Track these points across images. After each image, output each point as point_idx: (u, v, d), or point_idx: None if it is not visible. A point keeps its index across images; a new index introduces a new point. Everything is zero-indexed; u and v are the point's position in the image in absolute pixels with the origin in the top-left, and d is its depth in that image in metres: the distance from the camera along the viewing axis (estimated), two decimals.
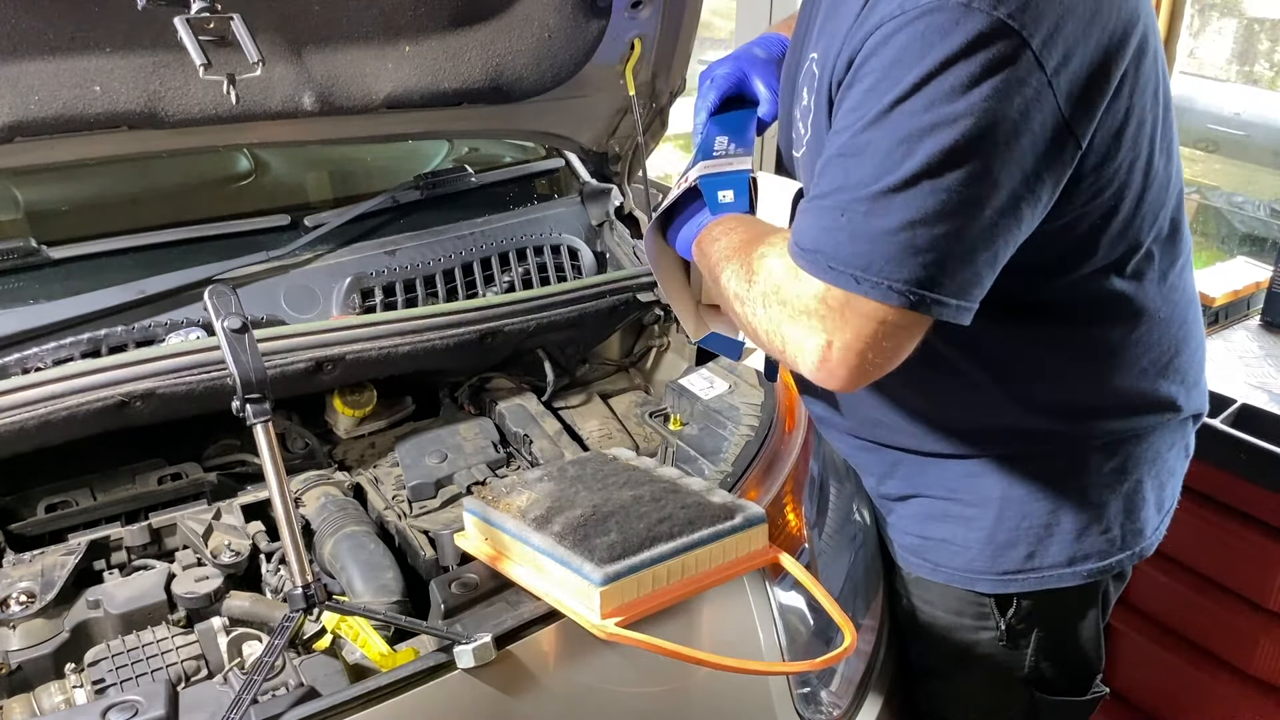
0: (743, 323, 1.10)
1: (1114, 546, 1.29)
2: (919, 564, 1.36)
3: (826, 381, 1.02)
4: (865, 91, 0.97)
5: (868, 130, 0.96)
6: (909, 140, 0.94)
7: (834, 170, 0.99)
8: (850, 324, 0.98)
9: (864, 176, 0.96)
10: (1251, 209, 5.11)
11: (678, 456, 1.47)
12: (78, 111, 1.32)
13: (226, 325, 1.09)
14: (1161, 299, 1.20)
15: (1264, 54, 7.05)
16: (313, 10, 1.44)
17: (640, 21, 1.70)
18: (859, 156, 0.96)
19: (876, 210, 0.95)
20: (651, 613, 1.04)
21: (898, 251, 0.95)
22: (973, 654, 1.36)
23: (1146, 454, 1.28)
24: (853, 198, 0.96)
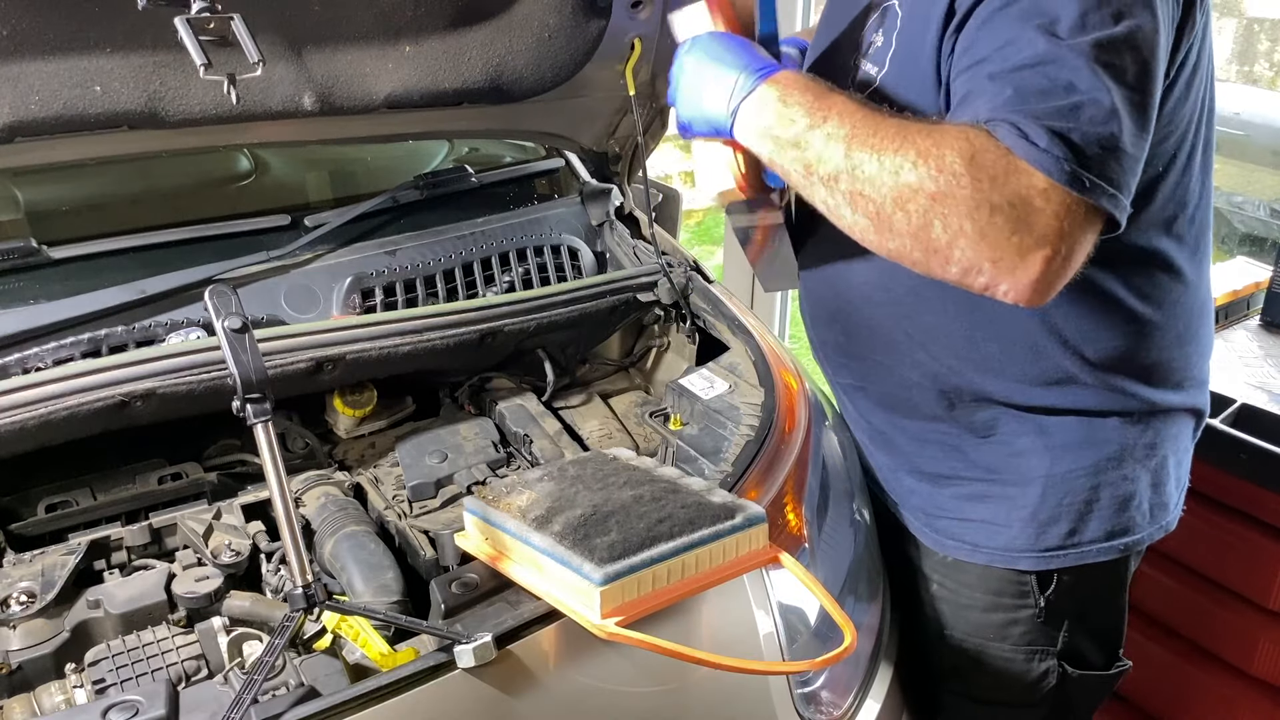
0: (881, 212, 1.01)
1: (1145, 521, 1.34)
2: (956, 546, 1.38)
3: (1036, 295, 0.99)
4: (1038, 5, 0.98)
5: (1063, 42, 0.97)
6: (1108, 50, 0.97)
7: (1031, 77, 0.98)
8: (1078, 230, 0.97)
9: (1076, 83, 0.97)
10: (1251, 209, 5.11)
11: (678, 456, 1.47)
12: (78, 111, 1.32)
13: (227, 325, 1.09)
14: (1194, 266, 1.26)
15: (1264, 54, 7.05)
16: (313, 10, 1.44)
17: (640, 21, 1.70)
18: (1061, 64, 0.97)
19: (1100, 119, 0.96)
20: (651, 612, 1.04)
21: (1123, 162, 0.98)
22: (1010, 632, 1.39)
23: (1171, 430, 1.33)
24: (1072, 104, 0.96)
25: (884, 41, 1.18)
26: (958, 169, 0.96)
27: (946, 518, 1.39)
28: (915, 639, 1.51)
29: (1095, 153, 0.96)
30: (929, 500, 1.40)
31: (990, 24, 1.02)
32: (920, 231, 0.99)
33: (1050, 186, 0.95)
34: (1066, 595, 1.36)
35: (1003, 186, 0.96)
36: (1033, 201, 0.95)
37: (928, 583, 1.45)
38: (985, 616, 1.40)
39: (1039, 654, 1.41)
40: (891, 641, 1.48)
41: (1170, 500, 1.37)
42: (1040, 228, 0.96)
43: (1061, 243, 0.97)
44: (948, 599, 1.43)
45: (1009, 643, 1.40)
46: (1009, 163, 0.96)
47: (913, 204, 0.98)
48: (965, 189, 0.96)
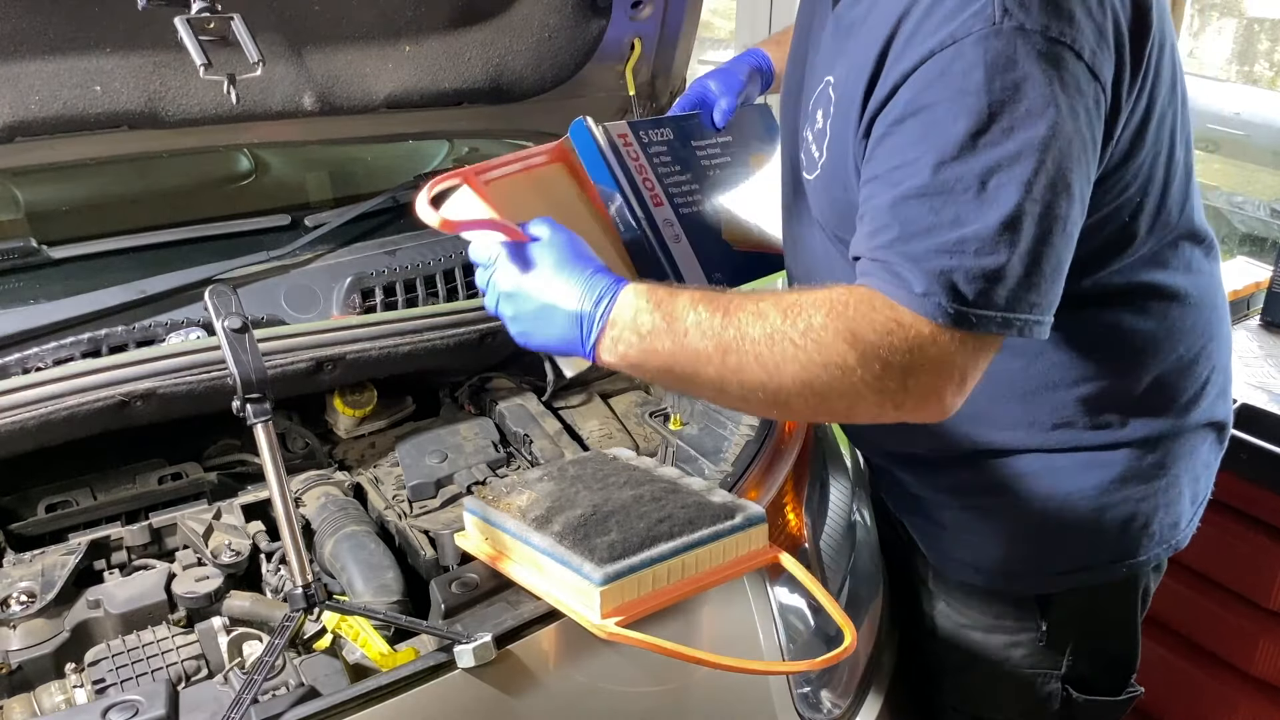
0: (776, 401, 0.99)
1: (1153, 541, 1.30)
2: (957, 566, 1.35)
3: (942, 416, 1.00)
4: (929, 125, 0.95)
5: (951, 166, 0.94)
6: (999, 170, 0.93)
7: (916, 209, 0.95)
8: (972, 357, 0.97)
9: (961, 214, 0.94)
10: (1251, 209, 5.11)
11: (678, 456, 1.47)
12: (78, 111, 1.32)
13: (227, 325, 1.09)
14: (1191, 281, 1.23)
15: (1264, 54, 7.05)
16: (313, 10, 1.44)
17: (640, 21, 1.70)
18: (948, 195, 0.94)
19: (986, 249, 0.94)
20: (651, 612, 1.04)
21: (1014, 285, 0.95)
22: (1011, 656, 1.36)
23: (1184, 449, 1.29)
24: (957, 238, 0.94)
25: (823, 124, 1.13)
26: (845, 360, 0.95)
27: (948, 537, 1.36)
28: (920, 659, 1.50)
29: (981, 287, 0.94)
30: (933, 519, 1.38)
31: (885, 141, 0.99)
32: (820, 410, 1.04)
33: (936, 330, 0.95)
34: (1070, 619, 1.33)
35: (890, 350, 0.95)
36: (923, 349, 0.95)
37: (933, 600, 1.42)
38: (987, 637, 1.38)
39: (1041, 677, 1.37)
40: (892, 641, 1.48)
41: (1182, 518, 1.32)
42: (934, 370, 0.97)
43: (957, 374, 0.98)
44: (951, 617, 1.41)
45: (1012, 665, 1.37)
46: (892, 320, 0.95)
47: (806, 396, 0.98)
48: (855, 375, 0.96)
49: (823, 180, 1.15)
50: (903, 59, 0.97)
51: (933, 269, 0.94)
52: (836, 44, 1.15)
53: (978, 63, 0.93)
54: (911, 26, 0.97)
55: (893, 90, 0.98)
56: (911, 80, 0.96)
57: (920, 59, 0.96)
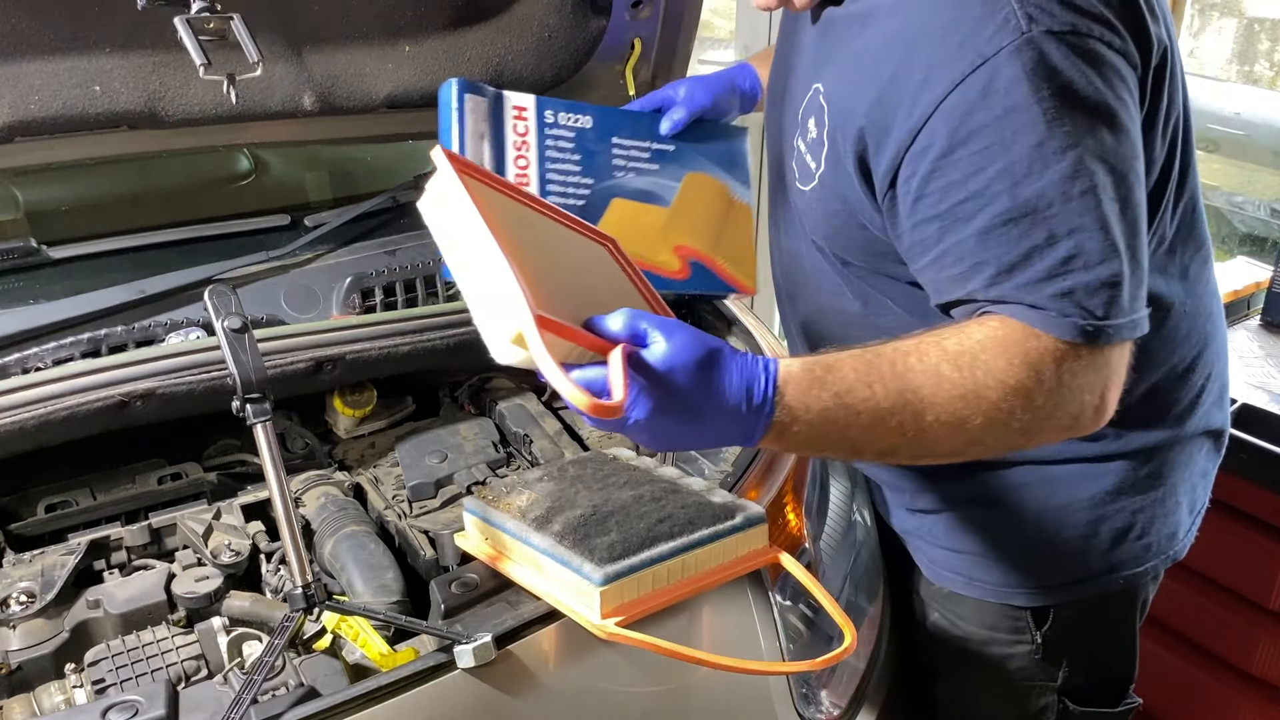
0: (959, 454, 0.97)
1: (1150, 552, 1.28)
2: (951, 578, 1.34)
3: (1103, 423, 1.00)
4: (988, 150, 0.92)
5: (1028, 184, 0.91)
6: (1076, 178, 0.91)
7: (1008, 238, 0.93)
8: (1120, 361, 0.98)
9: (1055, 231, 0.92)
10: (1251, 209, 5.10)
11: (678, 456, 1.47)
12: (78, 111, 1.32)
13: (226, 325, 1.09)
14: (1185, 293, 1.21)
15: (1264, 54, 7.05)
16: (313, 10, 1.44)
17: (640, 21, 1.70)
18: (1035, 215, 0.92)
19: (1094, 259, 0.92)
20: (651, 612, 1.04)
21: (1130, 285, 0.95)
22: (1005, 668, 1.35)
23: (1180, 459, 1.27)
24: (1064, 256, 0.92)
25: (817, 134, 1.10)
26: (1031, 398, 0.94)
27: (942, 548, 1.35)
28: (914, 665, 1.49)
29: (1105, 298, 0.93)
30: (927, 530, 1.37)
31: (935, 179, 0.95)
32: (1004, 448, 1.01)
33: (1082, 346, 0.94)
34: (1066, 631, 1.32)
35: (1069, 374, 0.94)
36: (1078, 367, 0.95)
37: (928, 611, 1.42)
38: (981, 650, 1.36)
39: (1037, 689, 1.36)
40: (892, 642, 1.48)
41: (1180, 528, 1.31)
42: (1092, 385, 0.96)
43: (1115, 381, 0.98)
44: (946, 630, 1.39)
45: (1005, 677, 1.36)
46: (1038, 348, 0.93)
47: (989, 443, 0.97)
48: (1038, 408, 0.94)
49: (819, 192, 1.12)
50: (928, 88, 0.94)
51: (1054, 292, 0.93)
52: (822, 48, 1.12)
53: (1019, 76, 0.90)
54: (930, 54, 0.94)
55: (922, 122, 0.94)
56: (944, 110, 0.93)
57: (951, 85, 0.92)
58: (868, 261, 1.15)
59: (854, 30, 1.06)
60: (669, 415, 0.87)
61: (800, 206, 1.19)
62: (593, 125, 1.39)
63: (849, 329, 1.22)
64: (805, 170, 1.14)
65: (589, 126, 1.39)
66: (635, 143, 1.43)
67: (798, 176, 1.17)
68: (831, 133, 1.07)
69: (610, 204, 1.36)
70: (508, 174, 1.28)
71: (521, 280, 0.83)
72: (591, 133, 1.39)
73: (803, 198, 1.16)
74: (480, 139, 1.30)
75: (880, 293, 1.17)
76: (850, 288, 1.20)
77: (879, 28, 1.01)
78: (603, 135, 1.40)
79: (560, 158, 1.35)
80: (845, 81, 1.04)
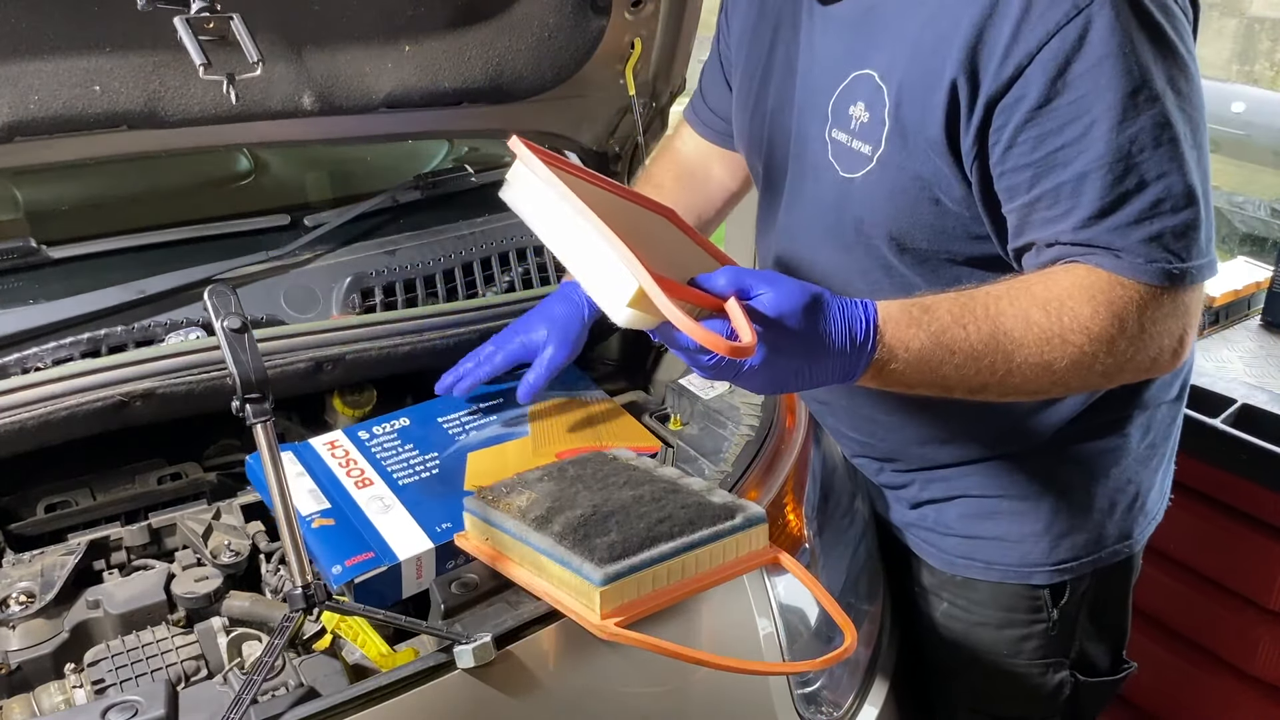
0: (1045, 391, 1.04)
1: (1147, 519, 1.36)
2: (967, 564, 1.36)
3: (1175, 368, 1.06)
4: (1085, 97, 0.96)
5: (1123, 131, 0.96)
6: (1166, 126, 0.97)
7: (1101, 183, 0.98)
8: (1197, 304, 1.03)
9: (1145, 176, 0.97)
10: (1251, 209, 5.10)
11: (678, 456, 1.47)
12: (78, 111, 1.32)
13: (226, 325, 1.08)
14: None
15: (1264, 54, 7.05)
16: (313, 10, 1.44)
17: (640, 21, 1.70)
18: (1127, 160, 0.97)
19: (1180, 204, 0.98)
20: (651, 612, 1.04)
21: (1205, 229, 1.00)
22: (1024, 647, 1.38)
23: (1164, 426, 1.34)
24: (1152, 200, 0.97)
25: (871, 117, 1.12)
26: (1114, 343, 1.00)
27: (955, 536, 1.37)
28: (923, 661, 1.50)
29: (1187, 241, 0.99)
30: (935, 520, 1.38)
31: (1031, 127, 1.00)
32: (1081, 388, 1.07)
33: (1164, 291, 1.00)
34: (1078, 604, 1.35)
35: (1131, 325, 1.00)
36: (1159, 313, 1.00)
37: (937, 602, 1.43)
38: (998, 634, 1.38)
39: (1053, 666, 1.39)
40: (892, 642, 1.48)
41: (1164, 495, 1.39)
42: (1171, 330, 1.02)
43: (1194, 323, 1.04)
44: (958, 618, 1.41)
45: (1023, 658, 1.39)
46: (1123, 295, 0.99)
47: (1073, 383, 1.03)
48: (1121, 352, 1.01)
49: (880, 174, 1.13)
50: (1021, 40, 0.97)
51: (1144, 237, 0.98)
52: (856, 36, 1.13)
53: (1113, 25, 0.95)
54: (1018, 8, 0.97)
55: (1016, 73, 0.98)
56: (1041, 60, 0.97)
57: (1045, 36, 0.96)
58: (930, 241, 1.15)
59: (910, 8, 1.08)
60: (782, 356, 0.93)
61: (848, 196, 1.18)
62: (411, 422, 1.44)
63: None
64: (854, 158, 1.15)
65: (408, 424, 1.43)
66: (461, 413, 1.47)
67: (840, 169, 1.17)
68: (897, 109, 1.09)
69: (466, 459, 1.38)
70: (341, 485, 1.31)
71: (628, 246, 0.89)
72: (414, 426, 1.43)
73: (851, 186, 1.17)
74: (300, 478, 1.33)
75: (927, 282, 1.18)
76: (892, 280, 1.20)
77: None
78: (425, 421, 1.45)
79: (392, 454, 1.38)
80: (915, 54, 1.06)
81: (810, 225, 1.27)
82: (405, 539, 1.22)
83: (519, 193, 1.03)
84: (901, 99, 1.08)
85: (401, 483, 1.32)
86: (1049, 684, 1.40)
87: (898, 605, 1.50)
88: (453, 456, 1.38)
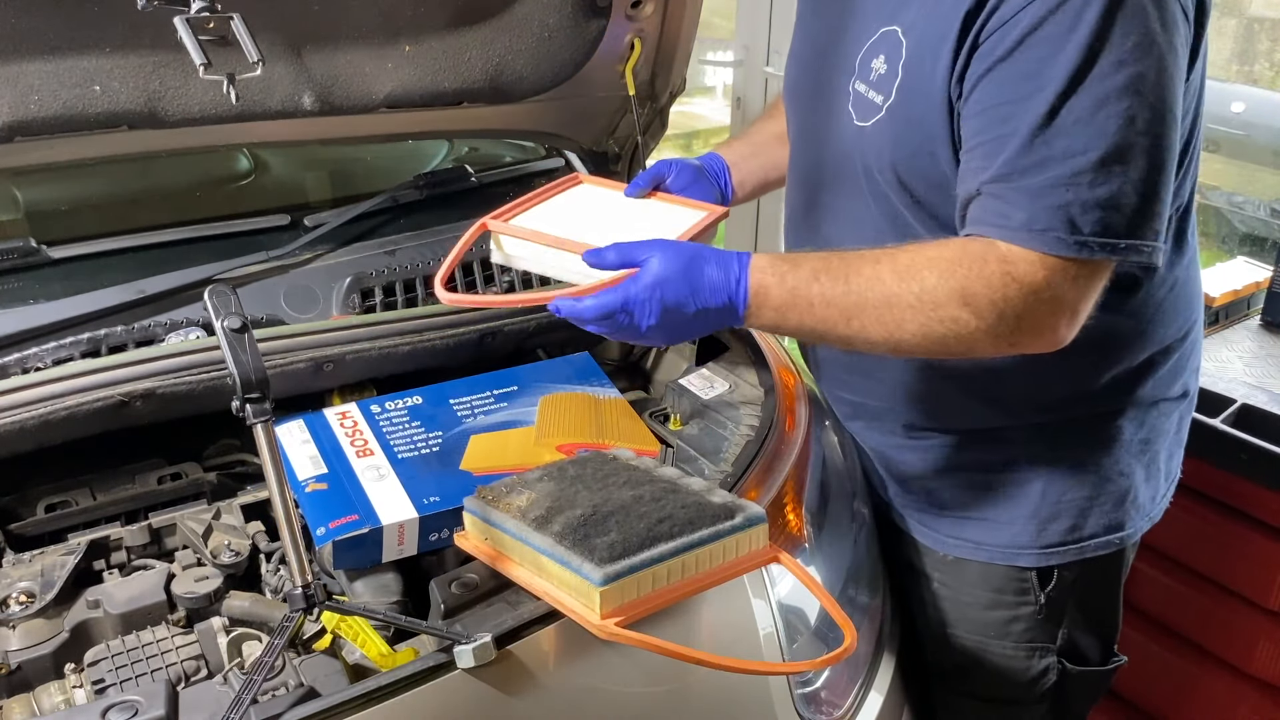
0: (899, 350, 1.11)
1: (1139, 514, 1.37)
2: (957, 544, 1.39)
3: (1056, 347, 1.07)
4: (1040, 60, 0.98)
5: (1063, 99, 0.98)
6: (1108, 104, 0.97)
7: (1029, 143, 1.00)
8: (1085, 288, 1.04)
9: (1072, 146, 0.98)
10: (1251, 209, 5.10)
11: (678, 456, 1.47)
12: (78, 111, 1.32)
13: (226, 325, 1.08)
14: (1183, 264, 1.29)
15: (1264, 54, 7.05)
16: (313, 10, 1.44)
17: (640, 21, 1.70)
18: (1060, 128, 0.98)
19: (1100, 179, 0.98)
20: (651, 612, 1.04)
21: (1132, 214, 1.00)
22: (1011, 629, 1.40)
23: (1162, 424, 1.36)
24: (1072, 170, 0.98)
25: (888, 69, 1.15)
26: (958, 316, 1.04)
27: (947, 516, 1.39)
28: (915, 639, 1.51)
29: (1099, 216, 0.99)
30: (928, 499, 1.41)
31: (990, 77, 1.02)
32: (941, 353, 1.12)
33: (1051, 266, 1.00)
34: (1066, 591, 1.37)
35: (1005, 300, 1.02)
36: (1036, 291, 1.01)
37: (928, 582, 1.45)
38: (986, 614, 1.41)
39: (1039, 651, 1.42)
40: (892, 641, 1.48)
41: (1159, 492, 1.40)
42: (1049, 308, 1.03)
43: (1069, 308, 1.04)
44: (948, 597, 1.43)
45: (1010, 640, 1.41)
46: (1005, 272, 1.01)
47: (926, 345, 1.08)
48: (970, 326, 1.04)
49: (886, 121, 1.16)
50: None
51: (1050, 204, 0.99)
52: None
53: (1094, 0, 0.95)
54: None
55: (998, 25, 1.00)
56: (1021, 16, 0.99)
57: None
58: (928, 193, 1.18)
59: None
60: (671, 312, 1.10)
61: (859, 144, 1.22)
62: (424, 400, 1.47)
63: None
64: (868, 107, 1.19)
65: (420, 403, 1.46)
66: (474, 397, 1.49)
67: (855, 117, 1.21)
68: (909, 62, 1.12)
69: (469, 440, 1.40)
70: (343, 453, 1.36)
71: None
72: (425, 405, 1.46)
73: (862, 134, 1.20)
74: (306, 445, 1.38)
75: (932, 235, 1.20)
76: (897, 231, 1.22)
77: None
78: (438, 402, 1.47)
79: (399, 429, 1.41)
80: (935, 9, 1.09)
81: (828, 173, 1.30)
82: (392, 506, 1.26)
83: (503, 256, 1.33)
84: (914, 52, 1.12)
85: (401, 456, 1.35)
86: (1035, 669, 1.42)
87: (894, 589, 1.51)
88: (456, 437, 1.41)
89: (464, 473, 1.34)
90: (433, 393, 1.48)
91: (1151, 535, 1.43)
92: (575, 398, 1.52)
